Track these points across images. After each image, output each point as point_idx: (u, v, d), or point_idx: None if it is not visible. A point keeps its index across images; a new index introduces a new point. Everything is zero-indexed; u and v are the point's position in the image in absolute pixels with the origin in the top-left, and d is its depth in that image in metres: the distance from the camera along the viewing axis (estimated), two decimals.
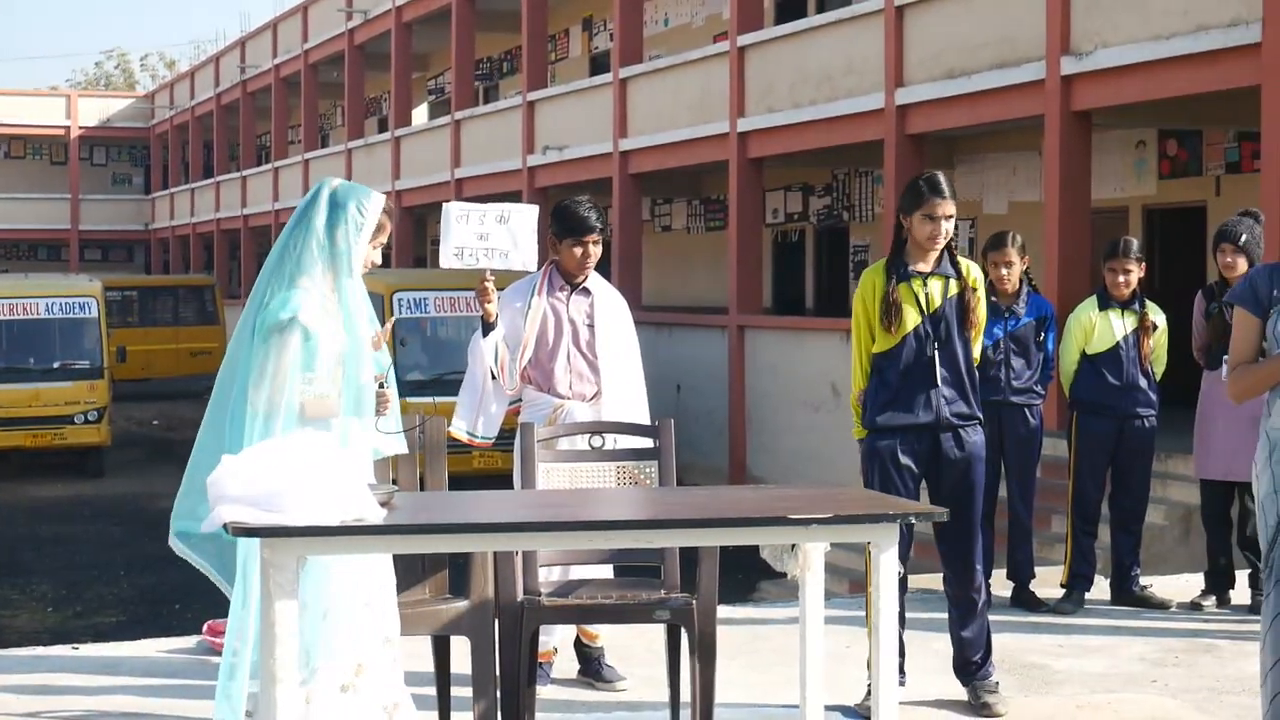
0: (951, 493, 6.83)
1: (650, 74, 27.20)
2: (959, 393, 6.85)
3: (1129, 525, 9.40)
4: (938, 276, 6.87)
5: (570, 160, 29.47)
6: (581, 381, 7.27)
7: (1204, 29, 16.06)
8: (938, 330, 6.83)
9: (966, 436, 6.86)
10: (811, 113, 22.46)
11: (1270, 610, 5.34)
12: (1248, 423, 9.09)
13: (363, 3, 40.36)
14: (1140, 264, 9.34)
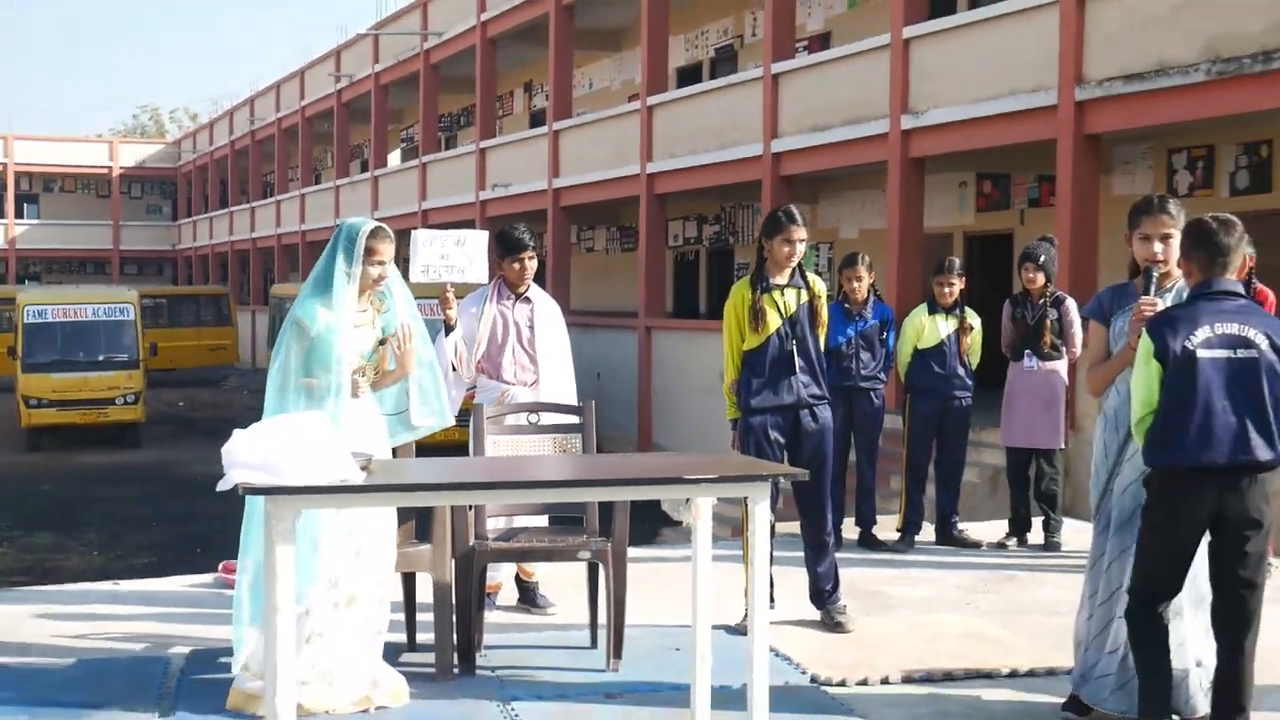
0: (809, 458, 6.89)
1: (578, 127, 27.17)
2: (813, 378, 6.91)
3: (950, 483, 9.47)
4: (792, 288, 6.92)
5: (514, 195, 29.38)
6: (524, 371, 7.27)
7: (1013, 93, 16.23)
8: (794, 330, 6.87)
9: (819, 413, 6.93)
10: (705, 158, 22.51)
11: (1096, 551, 5.43)
12: (1042, 404, 9.25)
13: (349, 68, 40.13)
14: (961, 278, 9.41)
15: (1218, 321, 4.75)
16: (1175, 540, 4.79)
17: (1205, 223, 4.91)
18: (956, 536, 9.39)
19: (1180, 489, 4.76)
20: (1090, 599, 5.43)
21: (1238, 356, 4.72)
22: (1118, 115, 15.02)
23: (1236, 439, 4.68)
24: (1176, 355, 4.73)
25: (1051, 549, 9.14)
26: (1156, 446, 4.80)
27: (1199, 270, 4.89)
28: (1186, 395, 4.71)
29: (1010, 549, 9.25)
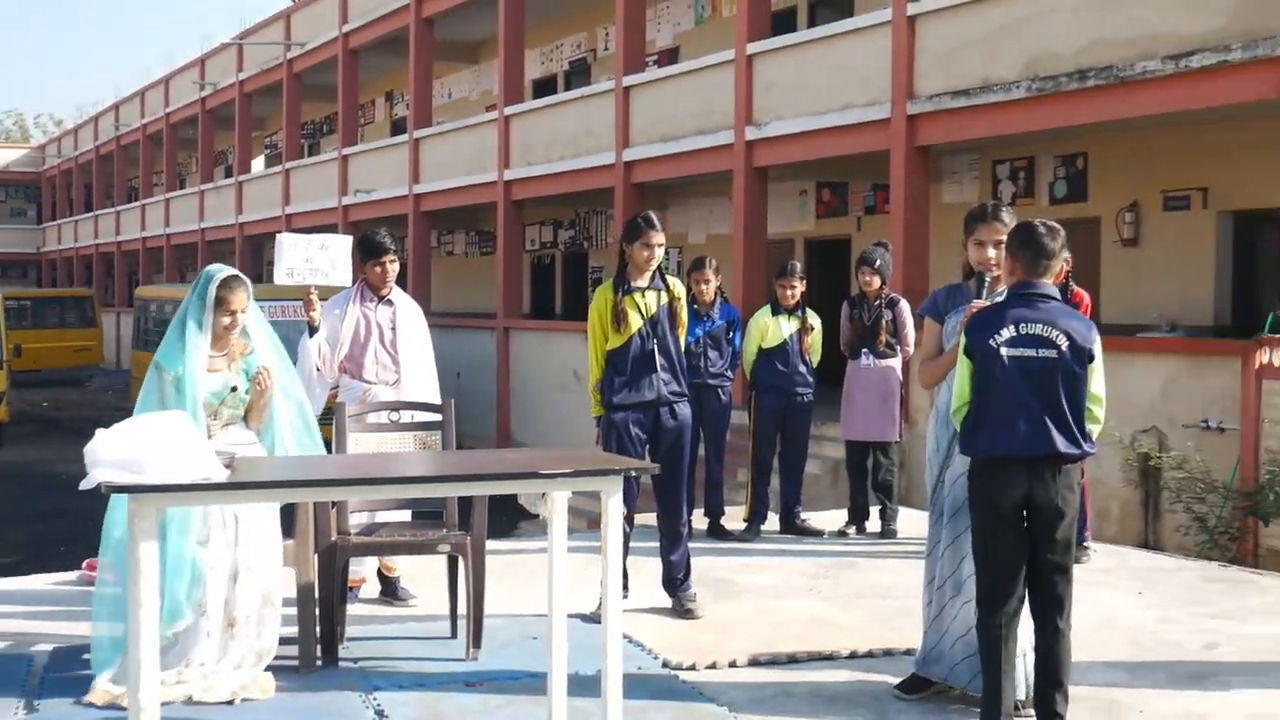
0: (668, 452, 6.90)
1: (438, 135, 26.94)
2: (673, 376, 6.92)
3: (793, 475, 9.55)
4: (652, 290, 6.92)
5: (376, 200, 29.04)
6: (385, 371, 7.17)
7: (850, 107, 16.44)
8: (655, 330, 6.88)
9: (679, 410, 6.94)
10: (561, 166, 22.47)
11: (932, 539, 5.49)
12: (878, 399, 9.37)
13: (213, 76, 39.34)
14: (802, 281, 9.49)
15: (1025, 321, 4.84)
16: (996, 526, 4.88)
17: (1034, 226, 5.00)
18: (799, 526, 9.47)
19: (991, 477, 4.85)
20: (928, 585, 5.50)
21: (1039, 356, 4.81)
22: (946, 128, 15.30)
23: (1037, 432, 4.77)
24: (983, 352, 4.83)
25: (888, 536, 9.26)
26: (966, 436, 4.91)
27: (1021, 270, 4.98)
28: (991, 389, 4.81)
29: (850, 537, 9.35)
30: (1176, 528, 11.85)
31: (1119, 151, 16.10)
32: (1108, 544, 9.69)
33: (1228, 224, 15.37)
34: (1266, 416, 11.42)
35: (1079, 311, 8.04)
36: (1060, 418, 4.78)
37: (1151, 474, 12.31)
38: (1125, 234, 16.11)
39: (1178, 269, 15.58)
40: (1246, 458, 11.50)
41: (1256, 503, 10.91)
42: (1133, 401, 12.49)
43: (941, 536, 5.42)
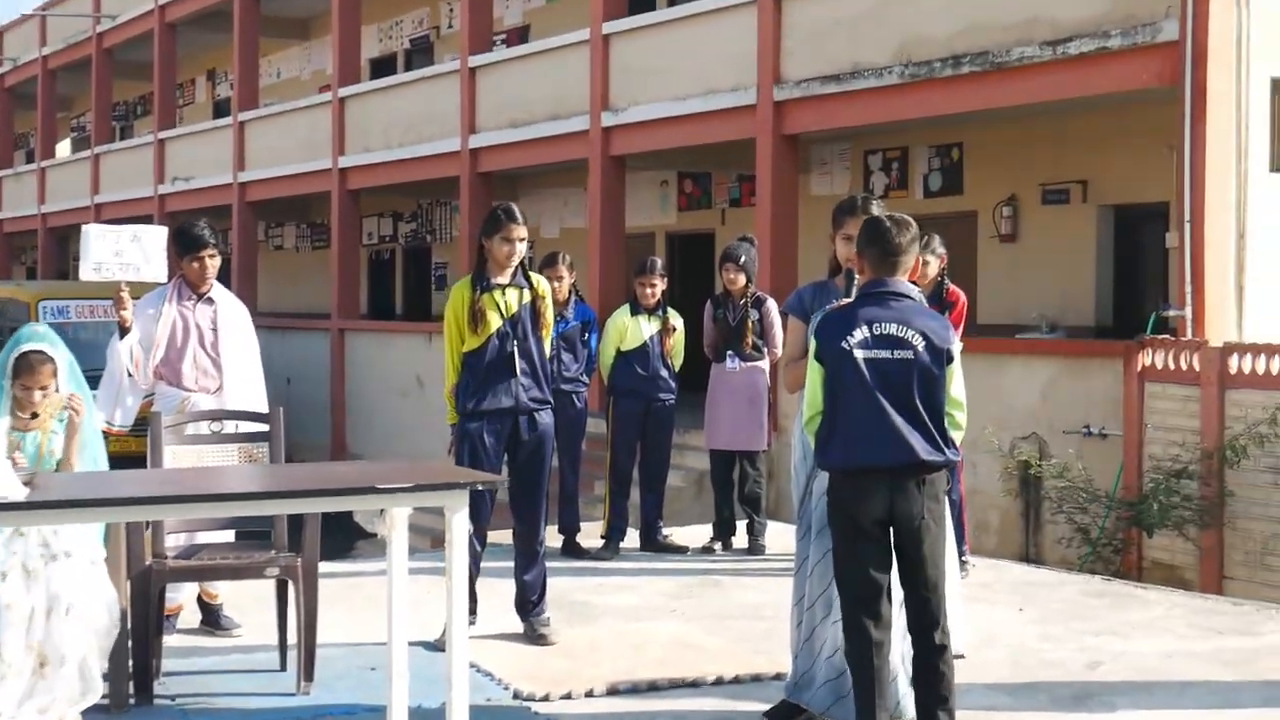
0: (527, 464, 6.87)
1: (265, 118, 26.57)
2: (534, 381, 6.90)
3: (654, 486, 9.56)
4: (514, 287, 6.89)
5: (196, 189, 28.57)
6: (206, 377, 7.04)
7: (713, 92, 16.56)
8: (516, 331, 6.85)
9: (540, 418, 6.91)
10: (401, 153, 22.30)
11: (800, 555, 5.51)
12: (745, 405, 9.43)
13: (12, 50, 38.36)
14: (663, 279, 9.51)
15: (878, 321, 4.89)
16: (857, 542, 4.90)
17: (880, 221, 5.06)
18: (661, 542, 9.49)
19: (849, 491, 4.88)
20: (797, 605, 5.53)
21: (894, 358, 4.86)
22: (815, 115, 15.49)
23: (895, 440, 4.81)
24: (834, 356, 4.87)
25: (755, 552, 9.32)
26: (823, 448, 4.93)
27: (870, 268, 5.04)
28: (845, 396, 4.85)
29: (715, 554, 9.39)
30: (1058, 539, 12.13)
31: (996, 142, 16.45)
32: (987, 557, 9.87)
33: (1108, 219, 15.79)
34: (1149, 421, 11.75)
35: (955, 311, 8.24)
36: (920, 423, 4.83)
37: (1032, 483, 12.58)
38: (1003, 229, 16.47)
39: (1057, 266, 15.96)
40: (1129, 465, 11.82)
41: (1140, 513, 11.21)
42: (1012, 407, 12.76)
43: (810, 552, 5.45)
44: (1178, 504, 11.09)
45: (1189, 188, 11.94)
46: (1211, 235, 11.91)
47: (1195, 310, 11.91)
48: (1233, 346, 11.26)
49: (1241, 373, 11.08)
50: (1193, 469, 11.18)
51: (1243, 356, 11.11)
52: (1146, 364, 11.80)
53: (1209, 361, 11.26)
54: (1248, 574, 11.03)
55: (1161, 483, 11.14)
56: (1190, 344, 11.53)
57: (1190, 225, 11.91)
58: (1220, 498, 11.09)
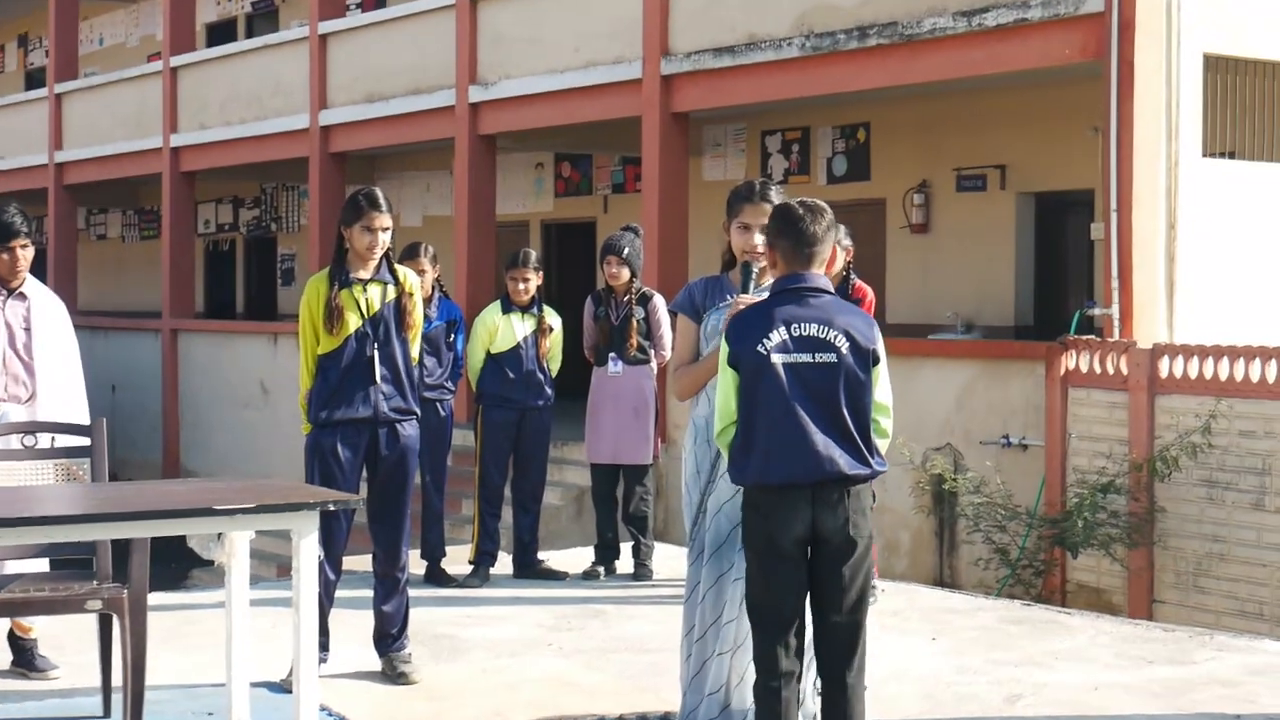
0: (387, 482, 6.83)
1: (86, 90, 26.18)
2: (397, 389, 6.85)
3: (528, 505, 9.55)
4: (377, 283, 6.85)
5: (5, 171, 28.08)
6: (16, 384, 6.93)
7: (594, 65, 16.58)
8: (377, 332, 6.81)
9: (402, 430, 6.87)
10: (242, 130, 22.07)
11: (691, 581, 5.51)
12: (629, 414, 9.45)
13: None
14: (538, 273, 9.50)
15: (797, 322, 4.90)
16: (777, 566, 4.90)
17: (791, 208, 5.07)
18: (537, 567, 9.48)
19: (768, 509, 4.88)
20: (687, 637, 5.54)
21: (817, 362, 4.88)
22: (707, 91, 15.57)
23: (818, 453, 4.83)
24: (751, 361, 4.87)
25: (642, 578, 9.34)
26: (738, 463, 4.92)
27: (783, 262, 5.05)
28: (763, 405, 4.85)
29: (598, 580, 9.40)
30: (975, 561, 12.29)
31: (906, 123, 16.64)
32: (897, 581, 9.98)
33: (1029, 208, 16.05)
34: (1073, 431, 11.94)
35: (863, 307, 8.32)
36: (845, 433, 4.86)
37: (946, 499, 12.73)
38: (914, 218, 16.68)
39: (973, 260, 16.19)
40: (1052, 479, 12.00)
41: (1063, 531, 11.38)
42: (923, 415, 12.90)
43: (702, 577, 5.47)
44: (1104, 521, 11.27)
45: (1115, 173, 12.15)
46: (1140, 226, 12.13)
47: (1122, 308, 12.12)
48: (1163, 348, 11.47)
49: (1173, 377, 11.29)
50: (1120, 482, 11.38)
51: (1174, 359, 11.33)
52: (1070, 367, 11.99)
53: (1137, 364, 11.47)
54: (1179, 597, 11.26)
55: (1087, 498, 11.32)
56: (1117, 345, 11.74)
57: (1117, 215, 12.13)
58: (1150, 514, 11.30)
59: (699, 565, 5.50)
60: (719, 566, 5.40)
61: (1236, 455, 10.89)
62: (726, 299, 5.51)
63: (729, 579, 5.35)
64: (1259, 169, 13.11)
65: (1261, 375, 10.79)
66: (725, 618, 5.35)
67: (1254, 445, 10.81)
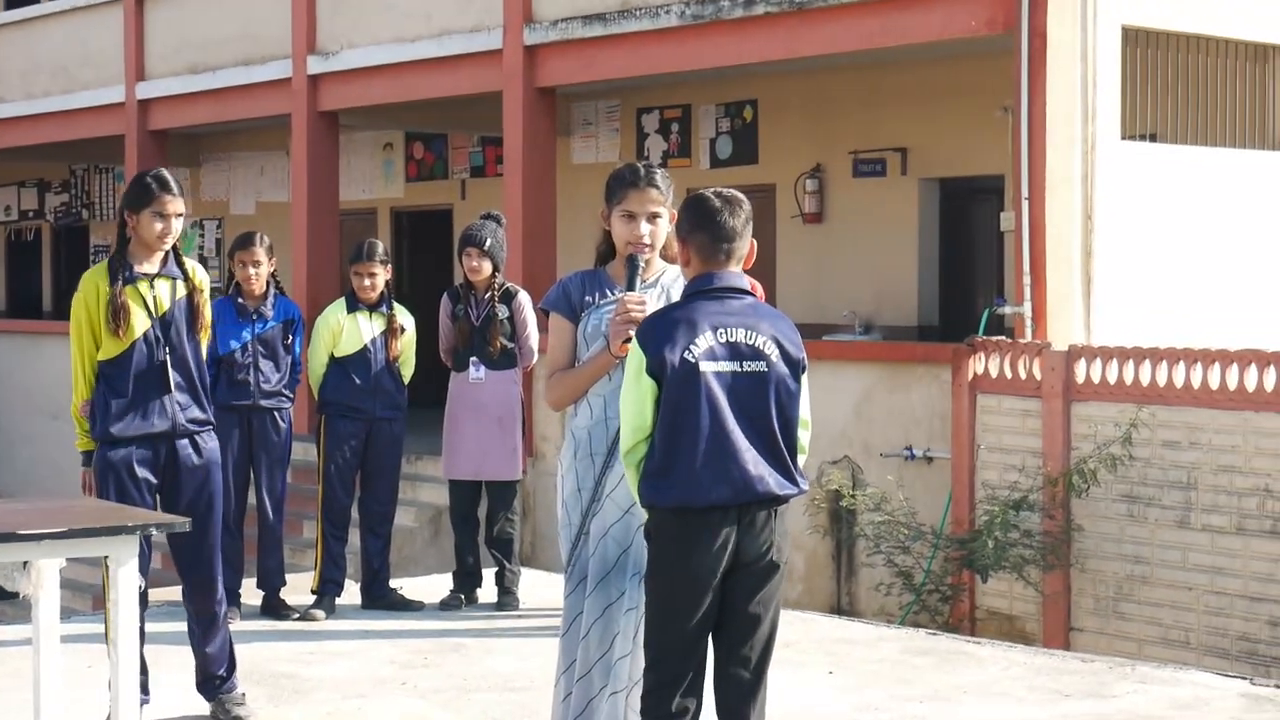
0: (191, 502, 6.73)
1: None
2: (193, 398, 6.77)
3: (378, 527, 9.49)
4: (165, 278, 6.75)
5: None
6: None
7: (447, 34, 16.53)
8: (168, 334, 6.72)
9: (203, 443, 6.79)
10: (47, 105, 21.78)
11: (571, 611, 5.48)
12: (493, 425, 9.43)
13: None
14: (386, 266, 9.44)
15: (723, 326, 4.92)
16: (689, 599, 4.89)
17: (707, 200, 5.06)
18: (388, 597, 9.43)
19: (687, 535, 4.87)
20: (566, 674, 5.52)
21: (745, 370, 4.90)
22: (576, 64, 15.57)
23: (750, 471, 4.85)
24: (675, 369, 4.86)
25: (507, 608, 9.32)
26: (656, 482, 4.90)
27: (698, 259, 5.04)
28: (689, 418, 4.85)
29: (457, 610, 9.37)
30: (876, 585, 12.39)
31: (798, 101, 16.76)
32: (791, 609, 10.02)
33: (933, 195, 16.22)
34: (983, 441, 12.07)
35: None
36: (773, 448, 4.89)
37: (844, 518, 12.82)
38: (807, 207, 16.79)
39: (872, 253, 16.32)
40: (960, 494, 12.12)
41: (972, 552, 11.50)
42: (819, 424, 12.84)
43: (586, 608, 5.45)
44: (1016, 541, 11.41)
45: (1026, 158, 12.30)
46: (1054, 215, 12.29)
47: (1035, 306, 12.27)
48: (1079, 350, 11.63)
49: (1090, 382, 11.45)
50: (1034, 498, 11.52)
51: (1091, 362, 11.49)
52: (978, 372, 12.12)
53: (1051, 368, 11.62)
54: (1099, 624, 11.42)
55: (997, 515, 11.45)
56: (1029, 347, 11.88)
57: (1028, 203, 12.28)
58: (1066, 533, 11.44)
59: (580, 594, 5.48)
60: (606, 596, 5.38)
61: (1159, 468, 11.06)
62: (608, 295, 5.50)
63: (619, 610, 5.33)
64: (1181, 153, 13.33)
65: (1186, 380, 10.96)
66: (618, 652, 5.33)
67: (1178, 457, 10.98)
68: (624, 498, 5.28)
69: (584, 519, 5.51)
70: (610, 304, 5.45)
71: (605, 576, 5.40)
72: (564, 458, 5.61)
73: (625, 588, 5.35)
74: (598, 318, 5.51)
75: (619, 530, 5.37)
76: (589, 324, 5.54)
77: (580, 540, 5.51)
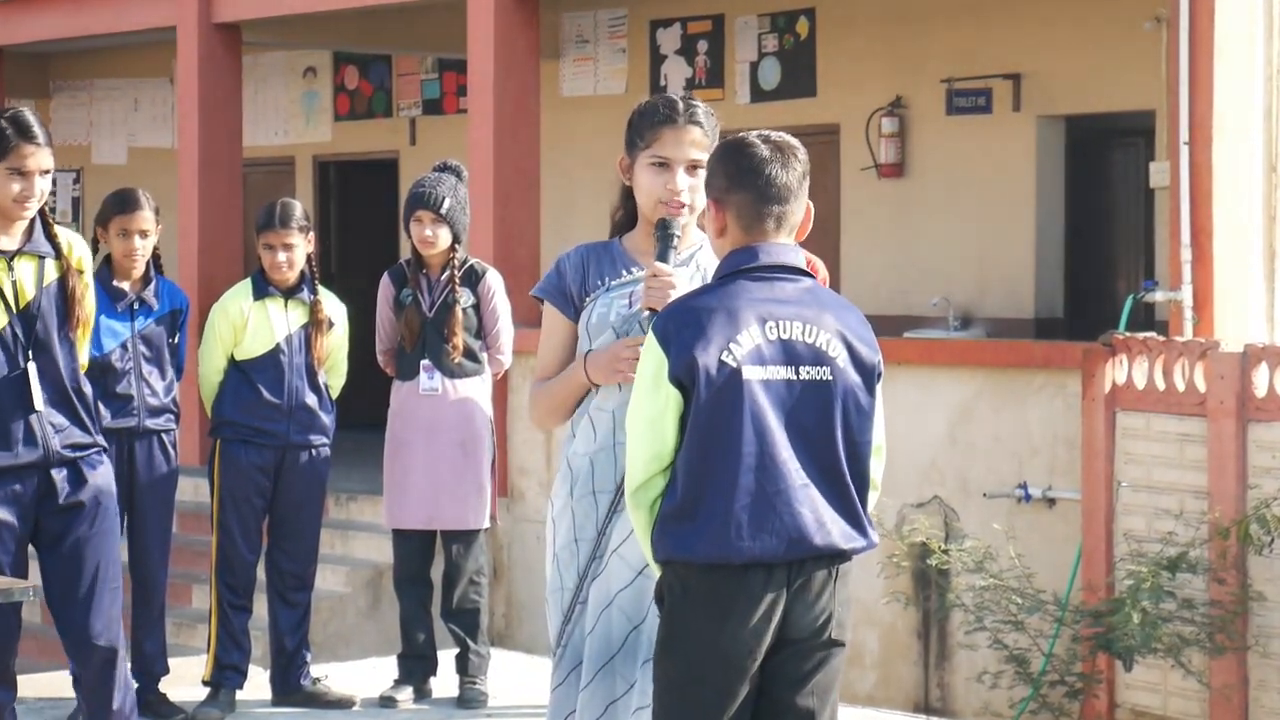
0: (73, 554, 6.76)
1: None
2: (70, 415, 6.81)
3: (292, 595, 9.50)
4: (29, 256, 6.81)
5: None
6: None
7: None
8: (32, 332, 6.74)
9: (91, 473, 6.83)
10: None
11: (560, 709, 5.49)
12: (454, 452, 9.42)
13: None
14: (307, 236, 9.44)
15: (773, 318, 4.92)
16: (718, 687, 4.89)
17: (751, 146, 5.06)
18: (308, 689, 9.45)
19: (719, 597, 4.88)
20: None
21: (802, 379, 4.90)
22: None
23: (804, 515, 4.85)
24: (710, 376, 4.86)
25: (472, 704, 9.33)
26: (677, 528, 4.90)
27: (739, 226, 5.04)
28: (727, 443, 4.86)
29: (402, 705, 9.39)
30: (978, 675, 12.33)
31: (871, 9, 16.71)
32: (860, 706, 10.01)
33: (1056, 138, 16.18)
34: (1124, 477, 12.01)
35: None
36: (839, 486, 4.91)
37: (934, 581, 12.77)
38: (883, 156, 16.75)
39: (973, 218, 16.29)
40: (1093, 549, 12.07)
41: (1111, 629, 11.44)
42: (899, 454, 12.89)
43: (580, 705, 5.45)
44: (1172, 614, 11.36)
45: (1186, 87, 12.25)
46: (1223, 166, 12.23)
47: (1198, 292, 12.22)
48: (1259, 352, 11.55)
49: (1275, 395, 11.39)
50: (1196, 555, 11.47)
51: (1275, 368, 11.43)
52: (1119, 381, 12.07)
53: (1220, 377, 11.56)
54: None
55: (1146, 579, 11.40)
56: (1190, 348, 11.82)
57: (1189, 150, 12.22)
58: (1242, 603, 11.39)
59: (572, 686, 5.48)
60: (609, 689, 5.38)
61: None
62: (623, 275, 5.49)
63: (625, 709, 5.33)
64: None
65: None
66: None
67: None
68: (637, 555, 5.26)
69: (580, 582, 5.50)
70: (628, 284, 5.44)
71: (608, 663, 5.39)
72: (556, 496, 5.60)
73: (635, 678, 5.34)
74: (608, 303, 5.49)
75: (629, 600, 5.35)
76: (593, 314, 5.53)
77: (575, 611, 5.50)
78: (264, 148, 20.60)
